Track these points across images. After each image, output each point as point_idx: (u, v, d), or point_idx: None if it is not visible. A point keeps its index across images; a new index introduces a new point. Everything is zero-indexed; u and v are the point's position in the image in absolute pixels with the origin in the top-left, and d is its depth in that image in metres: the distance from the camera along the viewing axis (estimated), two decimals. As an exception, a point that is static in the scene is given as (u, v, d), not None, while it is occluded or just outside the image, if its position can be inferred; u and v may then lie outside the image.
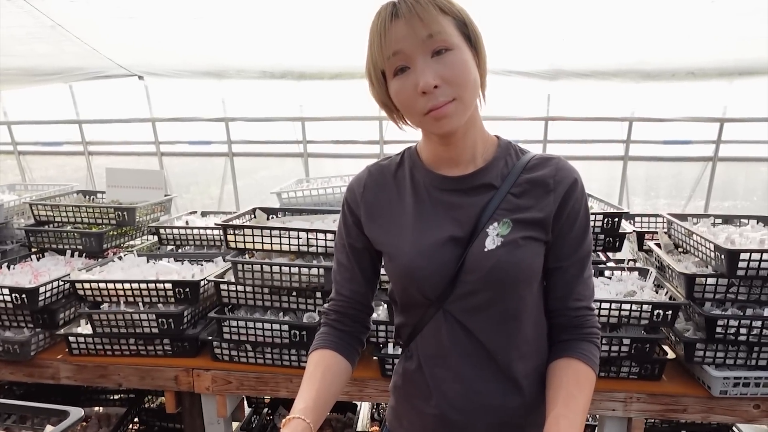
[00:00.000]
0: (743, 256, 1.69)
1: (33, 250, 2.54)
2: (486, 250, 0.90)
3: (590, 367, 0.93)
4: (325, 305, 1.09)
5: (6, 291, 1.99)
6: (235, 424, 2.43)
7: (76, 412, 1.04)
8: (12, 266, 2.30)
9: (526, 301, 0.94)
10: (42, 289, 2.01)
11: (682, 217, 2.23)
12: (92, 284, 2.03)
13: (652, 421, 2.35)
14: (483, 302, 0.92)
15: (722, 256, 1.73)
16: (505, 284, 0.91)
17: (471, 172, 0.95)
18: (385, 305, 2.04)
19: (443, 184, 0.96)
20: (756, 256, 1.68)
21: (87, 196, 2.91)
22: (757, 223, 2.14)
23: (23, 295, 1.99)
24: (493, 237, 0.90)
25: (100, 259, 2.38)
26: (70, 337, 2.07)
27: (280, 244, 1.98)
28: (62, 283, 2.11)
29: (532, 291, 0.95)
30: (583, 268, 0.96)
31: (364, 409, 2.72)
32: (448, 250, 0.92)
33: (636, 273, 2.07)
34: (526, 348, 0.96)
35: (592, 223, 2.02)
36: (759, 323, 1.72)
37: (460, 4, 0.87)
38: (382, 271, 1.06)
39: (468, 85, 0.85)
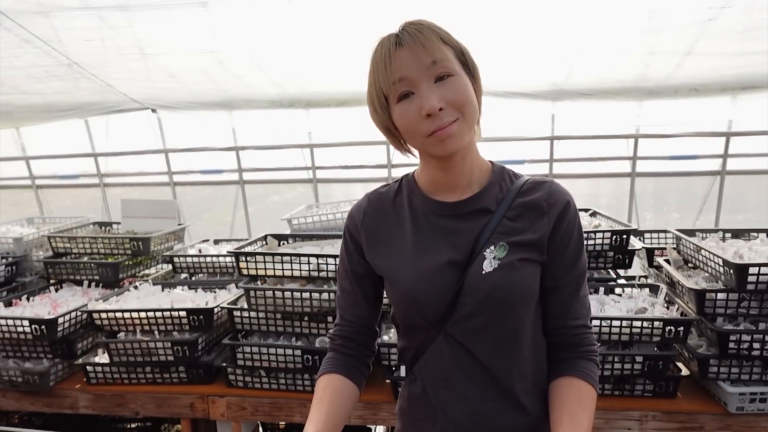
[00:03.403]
0: (752, 270, 1.69)
1: (51, 281, 2.60)
2: (484, 272, 0.93)
3: (591, 385, 0.95)
4: (331, 331, 1.11)
5: (26, 323, 2.04)
6: (250, 451, 2.44)
7: (95, 440, 1.06)
8: (31, 298, 2.35)
9: (524, 322, 0.96)
10: (60, 320, 2.06)
11: (691, 232, 2.23)
12: (109, 314, 2.08)
13: (671, 439, 2.32)
14: (483, 324, 0.94)
15: (731, 271, 1.73)
16: (503, 305, 0.93)
17: (467, 197, 0.98)
18: (397, 328, 2.05)
19: (441, 210, 0.99)
20: (765, 269, 1.68)
21: (103, 227, 2.98)
22: (767, 236, 2.13)
23: (42, 326, 2.04)
24: (491, 260, 0.93)
25: (116, 289, 2.42)
26: (87, 367, 2.10)
27: (291, 269, 2.01)
28: (80, 313, 2.16)
29: (529, 311, 0.97)
30: (578, 287, 0.98)
31: (379, 433, 2.71)
32: (447, 273, 0.95)
33: (647, 290, 2.07)
34: (525, 367, 0.98)
35: (600, 241, 2.06)
36: (772, 337, 1.71)
37: (457, 38, 0.92)
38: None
39: (470, 106, 0.89)
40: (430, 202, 1.00)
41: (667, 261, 2.21)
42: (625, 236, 2.07)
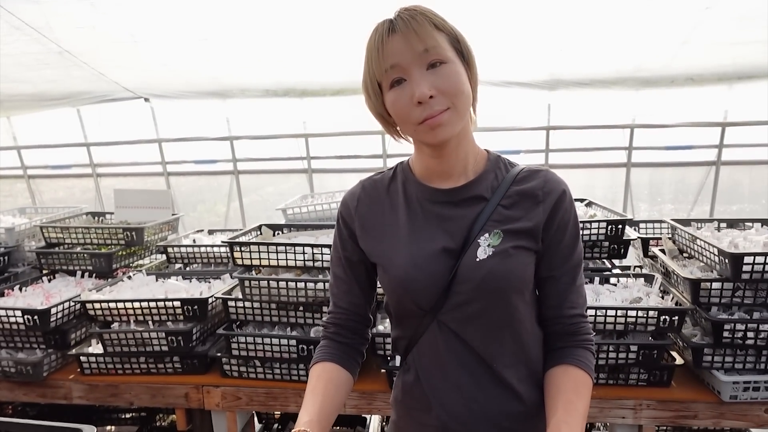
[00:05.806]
0: (747, 259, 1.69)
1: (44, 272, 2.57)
2: (478, 260, 0.92)
3: (587, 373, 0.95)
4: (324, 318, 1.10)
5: (18, 313, 2.02)
6: (245, 441, 2.44)
7: (88, 430, 1.05)
8: (24, 288, 2.33)
9: (518, 310, 0.96)
10: (54, 311, 2.04)
11: (686, 222, 2.23)
12: (102, 304, 2.06)
13: (664, 427, 2.33)
14: (476, 311, 0.94)
15: (726, 260, 1.73)
16: (497, 293, 0.93)
17: (462, 184, 0.97)
18: (392, 318, 2.05)
19: (435, 197, 0.98)
20: (760, 259, 1.69)
21: (96, 218, 2.96)
22: (762, 226, 2.14)
23: (35, 317, 2.02)
24: (485, 247, 0.92)
25: (109, 279, 2.41)
26: (81, 357, 2.09)
27: (286, 259, 2.00)
28: (73, 303, 2.14)
29: (524, 299, 0.97)
30: (575, 277, 0.98)
31: (374, 422, 2.71)
32: (441, 261, 0.94)
33: (642, 279, 2.07)
34: (520, 355, 0.98)
35: (596, 231, 2.06)
36: (766, 326, 1.71)
37: (452, 24, 0.91)
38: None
39: (462, 94, 0.88)
40: (424, 188, 0.99)
41: (662, 251, 2.21)
42: (620, 226, 2.07)
